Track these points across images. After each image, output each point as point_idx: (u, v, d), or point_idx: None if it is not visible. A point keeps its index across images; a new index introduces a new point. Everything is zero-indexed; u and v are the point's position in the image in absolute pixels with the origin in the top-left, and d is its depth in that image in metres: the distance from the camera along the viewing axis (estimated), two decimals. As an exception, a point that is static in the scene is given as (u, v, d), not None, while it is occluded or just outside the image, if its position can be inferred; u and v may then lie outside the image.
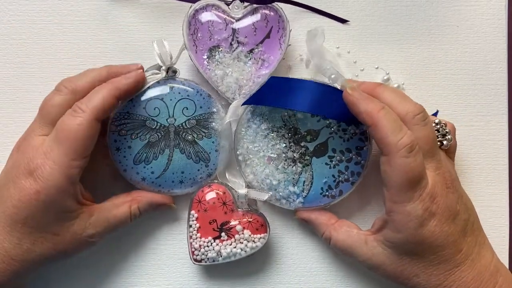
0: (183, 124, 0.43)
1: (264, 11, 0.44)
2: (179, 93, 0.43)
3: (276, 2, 0.44)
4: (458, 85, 0.47)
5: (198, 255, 0.43)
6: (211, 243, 0.43)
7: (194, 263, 0.43)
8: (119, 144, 0.43)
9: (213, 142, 0.44)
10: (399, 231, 0.37)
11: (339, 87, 0.41)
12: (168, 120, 0.43)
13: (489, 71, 0.47)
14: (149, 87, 0.43)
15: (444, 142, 0.41)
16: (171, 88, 0.43)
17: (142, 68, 0.42)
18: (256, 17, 0.44)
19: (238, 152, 0.43)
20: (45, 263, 0.39)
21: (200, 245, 0.43)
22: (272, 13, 0.44)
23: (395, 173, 0.36)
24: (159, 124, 0.43)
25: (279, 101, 0.41)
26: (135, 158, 0.43)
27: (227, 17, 0.44)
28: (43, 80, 0.46)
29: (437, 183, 0.37)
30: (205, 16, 0.44)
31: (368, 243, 0.40)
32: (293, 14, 0.47)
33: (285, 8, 0.45)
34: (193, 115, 0.43)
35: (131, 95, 0.42)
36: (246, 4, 0.44)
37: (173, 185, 0.43)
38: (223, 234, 0.43)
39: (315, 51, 0.42)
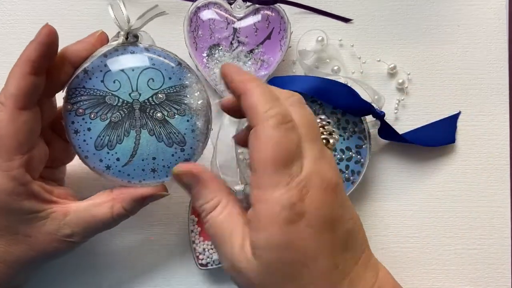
0: (150, 99, 0.36)
1: (266, 11, 0.44)
2: (141, 61, 0.37)
3: (278, 4, 0.44)
4: (459, 84, 0.47)
5: (203, 259, 0.42)
6: None
7: (201, 268, 0.43)
8: (77, 125, 0.36)
9: (187, 121, 0.37)
10: (263, 228, 0.30)
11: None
12: (132, 95, 0.36)
13: (490, 71, 0.47)
14: (105, 55, 0.36)
15: (331, 141, 0.36)
16: (132, 53, 0.36)
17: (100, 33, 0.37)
18: (258, 17, 0.44)
19: (239, 151, 0.43)
20: (33, 264, 0.37)
21: (204, 248, 0.42)
22: (273, 14, 0.44)
23: (261, 146, 0.30)
24: (121, 100, 0.36)
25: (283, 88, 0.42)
26: (96, 142, 0.36)
27: (228, 16, 0.44)
28: (42, 80, 0.46)
29: (313, 174, 0.30)
30: (207, 14, 0.44)
31: (245, 241, 0.31)
32: (296, 16, 0.47)
33: (288, 9, 0.45)
34: (161, 88, 0.36)
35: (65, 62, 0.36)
36: (248, 4, 0.44)
37: (144, 174, 0.37)
38: (224, 234, 0.42)
39: (308, 69, 0.44)
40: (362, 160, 0.43)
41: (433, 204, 0.46)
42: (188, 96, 0.37)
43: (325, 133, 0.36)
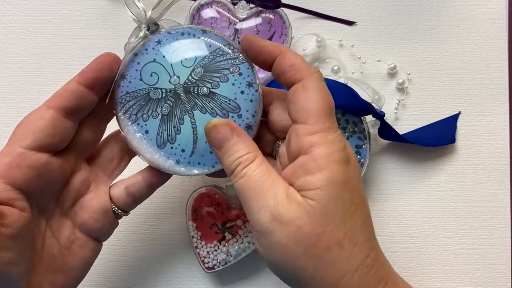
0: (190, 78, 0.35)
1: (268, 15, 0.44)
2: (168, 44, 0.35)
3: (281, 8, 0.44)
4: (459, 84, 0.47)
5: (208, 262, 0.42)
6: (218, 246, 0.42)
7: (208, 272, 0.43)
8: (136, 132, 0.35)
9: (233, 84, 0.35)
10: (324, 167, 0.30)
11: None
12: (172, 81, 0.35)
13: (490, 71, 0.47)
14: (135, 54, 0.35)
15: None
16: (158, 43, 0.35)
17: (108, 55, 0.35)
18: (260, 20, 0.44)
19: None
20: None
21: (208, 252, 0.42)
22: (276, 18, 0.44)
23: (312, 97, 0.31)
24: (163, 90, 0.35)
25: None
26: (158, 141, 0.35)
27: (231, 16, 0.44)
28: (42, 80, 0.46)
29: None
30: (209, 13, 0.44)
31: (289, 191, 0.31)
32: (299, 21, 0.47)
33: (290, 14, 0.45)
34: (196, 63, 0.35)
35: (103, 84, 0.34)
36: (251, 5, 0.44)
37: (214, 157, 0.35)
38: (226, 234, 0.42)
39: None
40: (362, 160, 0.43)
41: (433, 204, 0.46)
42: (224, 59, 0.35)
43: None
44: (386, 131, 0.44)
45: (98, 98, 0.34)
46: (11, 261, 0.31)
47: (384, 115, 0.43)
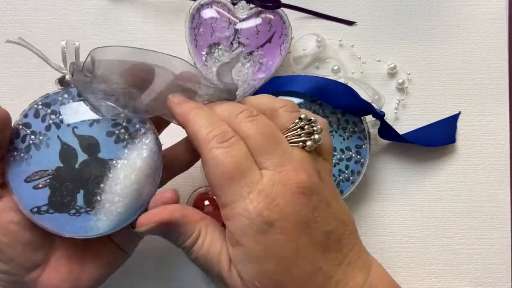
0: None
1: (268, 15, 0.44)
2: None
3: (281, 8, 0.44)
4: (459, 84, 0.47)
5: None
6: None
7: None
8: None
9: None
10: (238, 243, 0.29)
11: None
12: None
13: (490, 71, 0.47)
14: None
15: (308, 143, 0.31)
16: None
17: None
18: (260, 20, 0.44)
19: None
20: None
21: None
22: (276, 18, 0.44)
23: (210, 169, 0.30)
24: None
25: (283, 88, 0.42)
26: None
27: (231, 17, 0.44)
28: (42, 80, 0.46)
29: (276, 183, 0.29)
30: (210, 13, 0.44)
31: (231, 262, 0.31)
32: (299, 21, 0.47)
33: (290, 14, 0.45)
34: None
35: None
36: (251, 6, 0.44)
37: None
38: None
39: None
40: (362, 160, 0.43)
41: (433, 204, 0.46)
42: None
43: (302, 135, 0.32)
44: (386, 131, 0.44)
45: None
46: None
47: (384, 115, 0.43)
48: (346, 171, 0.42)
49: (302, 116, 0.32)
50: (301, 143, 0.32)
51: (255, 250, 0.29)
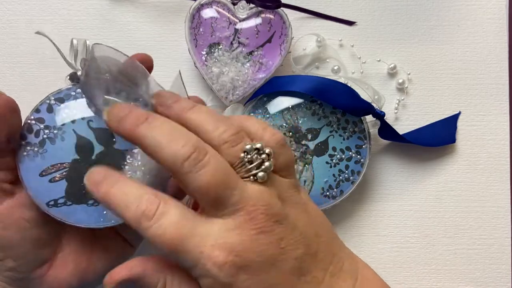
0: None
1: (268, 15, 0.44)
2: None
3: (282, 8, 0.44)
4: (459, 84, 0.47)
5: None
6: None
7: None
8: None
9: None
10: (203, 276, 0.28)
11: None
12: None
13: (490, 71, 0.47)
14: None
15: (259, 174, 0.29)
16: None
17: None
18: (260, 20, 0.44)
19: None
20: None
21: None
22: (276, 18, 0.44)
23: (156, 246, 0.28)
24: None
25: (283, 88, 0.42)
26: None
27: (231, 16, 0.44)
28: (42, 80, 0.46)
29: (231, 231, 0.28)
30: (210, 12, 0.44)
31: None
32: (299, 21, 0.47)
33: (290, 14, 0.45)
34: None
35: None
36: (251, 6, 0.44)
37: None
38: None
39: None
40: (362, 160, 0.43)
41: (433, 204, 0.46)
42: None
43: (252, 168, 0.29)
44: (386, 131, 0.44)
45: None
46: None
47: (384, 115, 0.43)
48: (346, 171, 0.42)
49: (247, 147, 0.29)
50: (251, 177, 0.29)
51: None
